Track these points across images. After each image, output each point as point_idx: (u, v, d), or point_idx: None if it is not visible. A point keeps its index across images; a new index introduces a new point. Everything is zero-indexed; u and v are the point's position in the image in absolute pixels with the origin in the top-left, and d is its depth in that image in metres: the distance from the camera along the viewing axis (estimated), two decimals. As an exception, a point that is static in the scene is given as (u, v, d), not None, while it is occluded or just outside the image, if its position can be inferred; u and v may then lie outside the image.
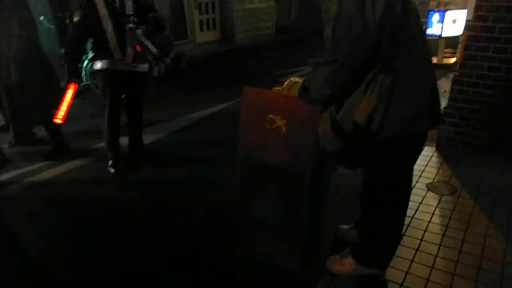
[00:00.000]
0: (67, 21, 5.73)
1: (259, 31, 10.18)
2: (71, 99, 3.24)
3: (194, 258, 2.26)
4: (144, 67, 3.30)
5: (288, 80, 1.81)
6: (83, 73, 5.53)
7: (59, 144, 3.67)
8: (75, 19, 3.10)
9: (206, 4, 9.05)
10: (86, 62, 5.50)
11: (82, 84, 5.59)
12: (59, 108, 3.18)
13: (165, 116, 4.66)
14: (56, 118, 3.22)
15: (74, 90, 3.26)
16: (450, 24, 6.25)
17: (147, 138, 3.85)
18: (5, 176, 3.31)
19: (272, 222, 2.09)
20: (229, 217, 2.33)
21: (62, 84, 5.35)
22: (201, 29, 9.12)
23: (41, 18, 5.19)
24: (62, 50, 5.90)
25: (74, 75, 3.28)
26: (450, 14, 6.25)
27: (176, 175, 3.32)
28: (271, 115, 1.94)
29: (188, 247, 2.35)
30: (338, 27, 1.42)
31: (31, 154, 3.70)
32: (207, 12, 9.15)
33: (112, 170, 3.34)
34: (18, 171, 3.41)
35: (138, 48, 3.19)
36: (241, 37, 9.61)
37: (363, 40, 1.40)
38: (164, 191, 3.06)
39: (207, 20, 9.25)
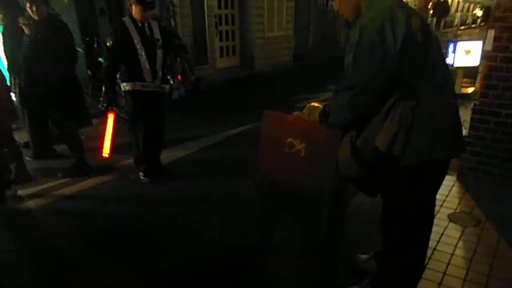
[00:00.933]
0: (95, 45, 5.99)
1: (277, 58, 10.38)
2: (112, 129, 3.44)
3: (209, 281, 2.22)
4: (167, 87, 3.50)
5: (308, 105, 1.83)
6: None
7: (79, 160, 3.74)
8: (108, 43, 3.23)
9: (227, 31, 9.34)
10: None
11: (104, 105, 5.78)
12: (104, 142, 3.39)
13: (184, 137, 4.73)
14: (103, 153, 3.42)
15: (113, 119, 3.46)
16: (463, 54, 6.31)
17: (166, 157, 3.91)
18: (25, 192, 3.38)
19: (289, 246, 2.06)
20: (245, 241, 2.30)
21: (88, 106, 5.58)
22: (221, 55, 9.36)
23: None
24: (89, 72, 6.19)
25: (111, 102, 3.41)
26: (462, 45, 6.36)
27: (193, 195, 3.33)
28: (290, 139, 1.96)
29: (203, 270, 2.33)
30: (360, 54, 1.47)
31: (50, 170, 3.78)
32: (227, 39, 9.43)
33: (146, 180, 3.52)
34: (38, 187, 3.48)
35: (179, 77, 3.38)
36: (259, 64, 9.81)
37: (383, 67, 1.44)
38: (180, 211, 3.06)
39: (227, 47, 9.51)
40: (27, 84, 3.52)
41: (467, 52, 6.30)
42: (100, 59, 5.81)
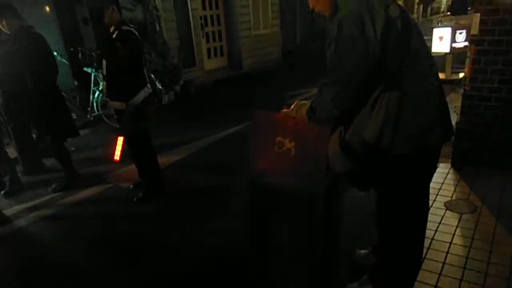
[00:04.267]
0: (79, 55, 5.91)
1: (265, 56, 10.33)
2: (124, 137, 3.54)
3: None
4: (117, 104, 3.08)
5: (295, 102, 1.80)
6: (94, 104, 5.65)
7: (69, 173, 3.68)
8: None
9: (213, 32, 9.28)
10: (97, 93, 5.62)
11: (93, 114, 5.72)
12: (116, 146, 3.57)
13: (176, 141, 4.68)
14: (114, 157, 3.57)
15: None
16: (437, 41, 6.27)
17: (161, 162, 3.82)
18: (14, 209, 3.32)
19: (285, 247, 2.02)
20: (241, 245, 2.27)
21: (73, 115, 5.50)
22: (209, 57, 9.30)
23: (55, 53, 5.36)
24: (75, 83, 6.11)
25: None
26: (437, 31, 6.26)
27: (189, 201, 3.29)
28: (280, 138, 1.91)
29: (201, 274, 2.29)
30: (341, 48, 1.43)
31: (41, 185, 3.72)
32: (214, 40, 9.37)
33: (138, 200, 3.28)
34: (28, 203, 3.42)
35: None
36: (248, 63, 9.76)
37: (365, 58, 1.40)
38: (176, 217, 3.02)
39: (215, 48, 9.45)
40: (5, 98, 3.44)
41: (440, 38, 6.26)
42: (85, 68, 5.75)
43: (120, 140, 3.61)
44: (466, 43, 5.93)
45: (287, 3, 11.51)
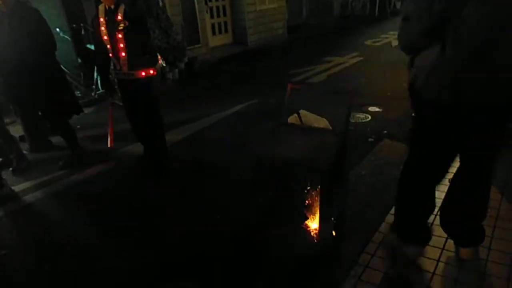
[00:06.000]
0: (83, 32, 5.85)
1: (271, 31, 10.14)
2: (111, 121, 3.66)
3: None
4: (135, 74, 3.08)
5: None
6: (99, 82, 5.63)
7: (75, 150, 3.71)
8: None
9: (217, 7, 9.09)
10: (96, 74, 5.59)
11: (98, 92, 5.71)
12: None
13: (182, 119, 4.67)
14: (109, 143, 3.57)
15: (111, 112, 3.71)
16: None
17: (168, 140, 3.79)
18: (22, 186, 3.38)
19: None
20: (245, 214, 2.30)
21: (77, 93, 5.49)
22: (214, 33, 9.15)
23: (57, 29, 5.30)
24: (79, 60, 6.07)
25: (107, 92, 3.59)
26: None
27: (195, 180, 3.32)
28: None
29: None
30: None
31: (47, 162, 3.77)
32: (218, 16, 9.18)
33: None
34: (36, 180, 3.47)
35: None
36: (253, 39, 9.60)
37: (431, 4, 1.48)
38: (182, 195, 3.06)
39: (219, 24, 9.28)
40: (7, 76, 3.43)
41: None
42: (88, 45, 5.69)
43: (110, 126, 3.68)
44: None
45: (293, -24, 11.19)
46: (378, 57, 7.63)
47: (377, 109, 4.59)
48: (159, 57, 3.70)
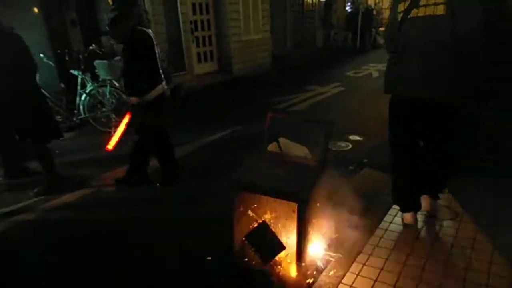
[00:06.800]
0: (66, 57, 5.85)
1: (255, 61, 10.38)
2: (125, 127, 3.62)
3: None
4: (131, 100, 3.35)
5: None
6: (81, 107, 5.59)
7: (52, 176, 3.62)
8: None
9: (203, 37, 9.29)
10: (84, 96, 5.56)
11: (80, 117, 5.65)
12: (113, 136, 3.54)
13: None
14: (108, 145, 3.52)
15: (128, 119, 3.67)
16: None
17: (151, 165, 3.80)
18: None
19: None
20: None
21: (58, 118, 5.43)
22: (199, 61, 9.30)
23: (41, 55, 5.30)
24: (62, 85, 6.03)
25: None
26: None
27: (175, 206, 3.27)
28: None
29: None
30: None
31: (22, 189, 3.64)
32: (204, 45, 9.38)
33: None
34: (8, 208, 3.33)
35: None
36: (238, 68, 9.79)
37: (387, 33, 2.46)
38: (161, 221, 2.99)
39: (205, 52, 9.45)
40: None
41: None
42: (72, 71, 5.68)
43: (119, 131, 3.69)
44: None
45: (277, 9, 11.61)
46: (359, 87, 7.87)
47: (358, 138, 4.69)
48: None
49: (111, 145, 3.64)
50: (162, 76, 3.39)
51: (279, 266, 2.24)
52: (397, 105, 2.41)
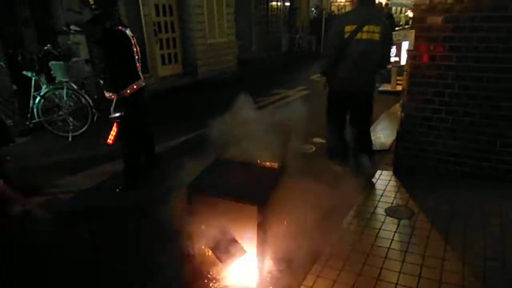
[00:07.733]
0: (19, 58, 5.52)
1: (221, 64, 10.32)
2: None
3: None
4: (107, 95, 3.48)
5: None
6: (34, 110, 5.28)
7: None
8: None
9: (167, 39, 9.12)
10: (38, 98, 5.27)
11: (33, 121, 5.34)
12: (111, 131, 3.52)
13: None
14: (108, 140, 3.55)
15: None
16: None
17: (105, 173, 3.71)
18: None
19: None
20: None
21: (10, 122, 5.12)
22: (163, 63, 9.12)
23: (-9, 55, 4.99)
24: (14, 87, 5.69)
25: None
26: None
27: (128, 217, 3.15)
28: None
29: None
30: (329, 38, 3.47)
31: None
32: (168, 47, 9.20)
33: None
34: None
35: None
36: (203, 71, 9.69)
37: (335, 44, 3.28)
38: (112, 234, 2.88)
39: (169, 55, 9.28)
40: None
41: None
42: (25, 72, 5.37)
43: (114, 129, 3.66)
44: (396, 59, 6.39)
45: (242, 12, 11.64)
46: (323, 91, 8.00)
47: (321, 140, 4.76)
48: None
49: (110, 139, 3.65)
50: (140, 73, 3.55)
51: (239, 270, 2.22)
52: (336, 93, 3.52)
